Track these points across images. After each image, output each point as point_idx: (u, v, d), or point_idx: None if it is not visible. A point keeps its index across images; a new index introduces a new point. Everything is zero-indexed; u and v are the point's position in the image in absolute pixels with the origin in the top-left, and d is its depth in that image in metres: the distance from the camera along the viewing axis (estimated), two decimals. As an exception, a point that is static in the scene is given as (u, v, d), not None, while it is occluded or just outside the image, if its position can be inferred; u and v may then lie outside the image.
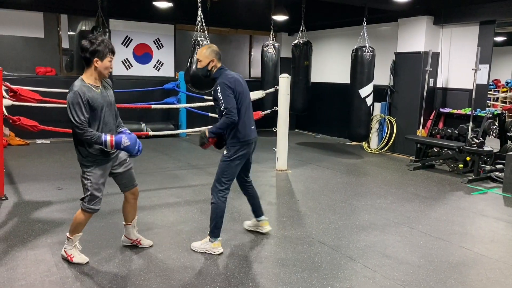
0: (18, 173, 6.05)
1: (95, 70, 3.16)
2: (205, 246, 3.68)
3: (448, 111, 7.82)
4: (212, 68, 3.66)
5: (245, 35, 11.72)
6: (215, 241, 3.66)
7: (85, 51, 3.10)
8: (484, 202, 5.49)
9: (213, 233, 3.66)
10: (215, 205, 3.65)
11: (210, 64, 3.65)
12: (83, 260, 3.39)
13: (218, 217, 3.64)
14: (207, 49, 3.67)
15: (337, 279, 3.28)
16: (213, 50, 3.67)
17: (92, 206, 3.31)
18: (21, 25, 8.43)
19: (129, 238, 3.74)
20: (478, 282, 3.33)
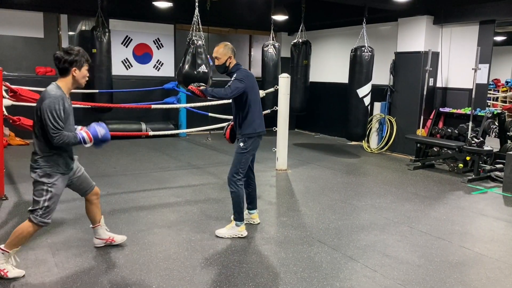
0: (18, 173, 6.05)
1: (72, 79, 3.19)
2: (232, 231, 3.99)
3: (448, 110, 7.82)
4: (229, 65, 3.96)
5: (245, 35, 11.72)
6: (241, 224, 4.01)
7: (63, 61, 3.11)
8: (484, 201, 5.50)
9: (239, 218, 3.99)
10: (236, 193, 3.97)
11: (228, 61, 3.94)
12: (19, 273, 3.15)
13: (240, 202, 3.98)
14: (224, 47, 3.93)
15: (337, 278, 3.29)
16: (230, 48, 3.96)
17: (46, 220, 3.13)
18: (21, 25, 8.43)
19: (101, 239, 3.69)
20: (478, 281, 3.33)
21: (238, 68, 3.97)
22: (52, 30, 8.79)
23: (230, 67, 3.96)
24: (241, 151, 3.99)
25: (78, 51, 3.16)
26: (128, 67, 9.61)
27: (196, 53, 6.32)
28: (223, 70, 3.98)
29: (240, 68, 3.97)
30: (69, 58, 3.11)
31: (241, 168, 3.99)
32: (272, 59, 9.43)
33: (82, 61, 3.16)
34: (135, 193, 5.40)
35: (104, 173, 6.27)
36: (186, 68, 6.27)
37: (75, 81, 3.21)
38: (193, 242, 3.89)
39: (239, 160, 3.99)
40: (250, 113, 3.96)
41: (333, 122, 10.26)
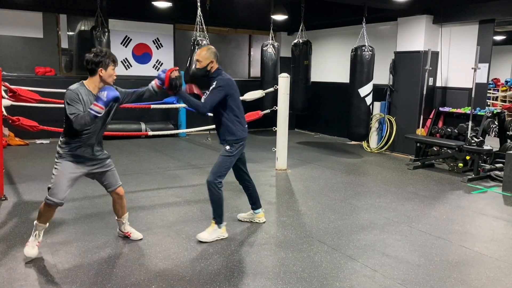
0: (17, 173, 6.05)
1: (99, 78, 3.40)
2: (215, 235, 3.95)
3: (447, 110, 7.82)
4: (210, 69, 3.90)
5: (245, 35, 11.72)
6: (222, 226, 3.99)
7: (91, 63, 3.36)
8: (484, 201, 5.50)
9: (220, 220, 3.96)
10: (217, 196, 3.92)
11: (209, 65, 3.88)
12: (31, 253, 3.41)
13: (222, 205, 3.95)
14: (207, 51, 3.89)
15: (337, 278, 3.29)
16: (213, 52, 3.91)
17: (51, 198, 3.36)
18: (20, 25, 8.43)
19: (121, 231, 3.96)
20: (478, 281, 3.33)
21: (219, 73, 3.90)
22: (51, 30, 8.78)
23: (212, 71, 3.90)
24: (227, 154, 3.96)
25: (105, 52, 3.39)
26: (127, 67, 9.60)
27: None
28: (204, 73, 3.92)
29: (221, 74, 3.91)
30: (96, 60, 3.33)
31: (224, 172, 3.96)
32: (271, 59, 9.42)
33: (107, 62, 3.37)
34: (134, 193, 5.39)
35: (104, 173, 6.25)
36: (193, 68, 6.30)
37: (102, 80, 3.40)
38: (193, 242, 3.88)
39: (223, 163, 3.96)
40: (233, 119, 3.92)
41: (333, 122, 10.26)
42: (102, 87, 3.37)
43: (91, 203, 4.87)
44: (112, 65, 3.42)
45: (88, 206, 4.77)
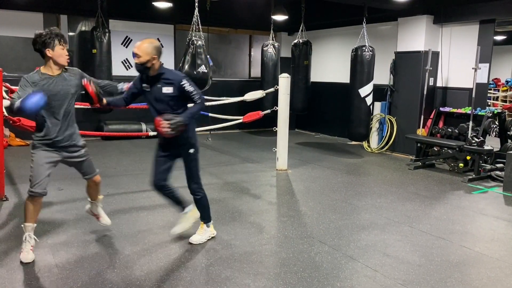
0: (18, 173, 6.05)
1: (50, 60, 3.34)
2: (207, 234, 3.95)
3: (448, 110, 7.82)
4: (151, 66, 3.48)
5: (245, 35, 11.71)
6: (211, 224, 3.99)
7: (35, 44, 3.30)
8: (485, 201, 5.49)
9: (209, 219, 3.96)
10: (204, 197, 3.90)
11: (149, 62, 3.45)
12: (28, 259, 3.36)
13: (208, 205, 3.95)
14: (148, 44, 3.46)
15: (337, 278, 3.29)
16: (155, 47, 3.48)
17: (33, 189, 3.34)
18: (21, 25, 8.43)
19: (92, 211, 4.01)
20: (479, 281, 3.33)
21: (167, 69, 3.59)
22: (52, 31, 8.78)
23: (155, 68, 3.49)
24: (195, 156, 3.79)
25: (50, 31, 3.29)
26: (128, 67, 9.60)
27: (196, 54, 6.32)
28: (141, 69, 3.47)
29: (173, 71, 3.64)
30: (40, 40, 3.27)
31: (199, 172, 3.87)
32: (271, 59, 9.43)
33: (53, 41, 3.28)
34: (135, 193, 5.39)
35: (105, 173, 6.25)
36: (186, 68, 6.28)
37: (54, 61, 3.33)
38: (190, 238, 3.88)
39: (197, 165, 3.83)
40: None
41: (333, 122, 10.26)
42: (62, 68, 3.36)
43: (92, 204, 4.87)
44: (60, 45, 3.29)
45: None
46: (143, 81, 3.63)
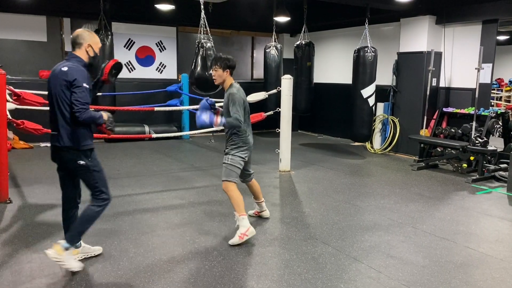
0: (22, 176, 6.08)
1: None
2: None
3: (451, 110, 7.80)
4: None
5: (247, 37, 11.73)
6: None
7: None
8: (489, 201, 5.47)
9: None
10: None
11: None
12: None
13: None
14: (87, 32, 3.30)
15: (341, 280, 3.28)
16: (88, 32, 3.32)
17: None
18: (24, 29, 8.48)
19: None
20: (483, 282, 3.31)
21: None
22: (55, 34, 8.82)
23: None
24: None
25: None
26: (131, 69, 9.63)
27: (206, 56, 6.34)
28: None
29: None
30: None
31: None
32: (274, 61, 9.43)
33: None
34: (138, 195, 5.40)
35: (108, 175, 6.21)
36: (198, 70, 6.31)
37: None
38: (197, 244, 3.89)
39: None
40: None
41: (336, 123, 10.25)
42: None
43: (96, 206, 4.88)
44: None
45: (93, 209, 4.78)
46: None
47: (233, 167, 4.04)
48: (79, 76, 3.06)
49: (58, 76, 3.10)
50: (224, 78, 4.07)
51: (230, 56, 4.08)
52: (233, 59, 4.10)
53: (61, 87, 3.08)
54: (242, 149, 4.07)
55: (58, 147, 3.18)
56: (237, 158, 4.04)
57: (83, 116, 3.03)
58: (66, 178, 3.37)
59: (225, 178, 4.04)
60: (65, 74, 3.07)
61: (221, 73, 4.04)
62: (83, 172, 3.24)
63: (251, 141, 4.16)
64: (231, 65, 4.06)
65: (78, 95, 3.02)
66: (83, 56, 3.23)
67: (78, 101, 3.01)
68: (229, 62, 4.05)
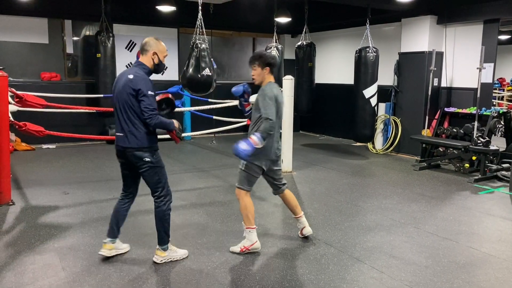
0: (24, 178, 6.09)
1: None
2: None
3: (453, 110, 7.79)
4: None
5: (248, 38, 11.74)
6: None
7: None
8: (491, 201, 5.47)
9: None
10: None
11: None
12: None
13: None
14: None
15: (344, 280, 3.28)
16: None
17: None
18: (26, 31, 8.49)
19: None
20: (486, 282, 3.31)
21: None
22: (56, 36, 8.84)
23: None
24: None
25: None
26: (132, 71, 9.63)
27: (200, 57, 6.33)
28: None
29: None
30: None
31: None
32: (275, 61, 9.41)
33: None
34: (140, 196, 5.36)
35: (110, 177, 6.29)
36: (190, 71, 6.29)
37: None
38: (199, 245, 3.89)
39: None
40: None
41: (338, 124, 10.24)
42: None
43: (98, 207, 4.89)
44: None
45: (95, 210, 4.79)
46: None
47: (247, 175, 3.73)
48: (143, 86, 3.24)
49: (125, 83, 3.31)
50: (263, 77, 3.75)
51: (270, 53, 3.75)
52: (274, 56, 3.73)
53: (127, 94, 3.28)
54: (260, 156, 3.68)
55: (124, 148, 3.39)
56: (252, 166, 3.70)
57: (153, 122, 3.24)
58: (128, 176, 3.63)
59: (237, 184, 3.79)
60: (130, 82, 3.27)
61: (260, 71, 3.73)
62: (147, 169, 3.42)
63: (274, 149, 3.75)
64: (270, 62, 3.72)
65: (146, 102, 3.22)
66: (148, 63, 3.41)
67: (147, 108, 3.22)
68: (268, 59, 3.73)
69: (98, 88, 8.63)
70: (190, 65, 6.33)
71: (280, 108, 3.74)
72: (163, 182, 3.51)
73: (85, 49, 9.32)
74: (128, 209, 3.70)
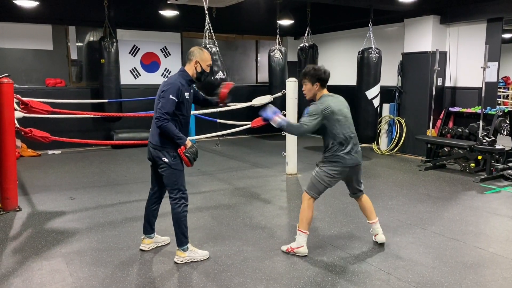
0: (31, 184, 6.12)
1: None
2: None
3: (457, 110, 7.76)
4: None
5: (251, 41, 11.76)
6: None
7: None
8: (498, 201, 5.43)
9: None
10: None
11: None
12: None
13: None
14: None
15: (351, 282, 3.27)
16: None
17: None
18: (31, 38, 8.55)
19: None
20: (494, 282, 3.29)
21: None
22: (61, 42, 8.90)
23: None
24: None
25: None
26: (136, 76, 9.68)
27: (212, 60, 6.37)
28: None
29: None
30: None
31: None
32: (278, 64, 9.45)
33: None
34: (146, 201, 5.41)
35: (115, 181, 6.31)
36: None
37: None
38: (205, 248, 3.88)
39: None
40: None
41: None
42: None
43: (104, 212, 4.91)
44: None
45: (101, 215, 4.81)
46: None
47: (316, 181, 3.75)
48: (168, 89, 3.40)
49: (161, 86, 3.52)
50: (314, 93, 3.77)
51: (321, 67, 3.76)
52: (325, 70, 3.76)
53: (158, 95, 3.50)
54: (332, 164, 3.71)
55: (150, 144, 3.62)
56: (322, 174, 3.72)
57: (160, 123, 3.37)
58: (153, 175, 3.79)
59: (306, 188, 3.84)
60: (162, 84, 3.50)
61: (310, 87, 3.75)
62: (164, 169, 3.54)
63: (347, 156, 3.73)
64: (321, 77, 3.72)
65: (162, 104, 3.38)
66: (190, 70, 3.57)
67: (159, 109, 3.38)
68: (318, 74, 3.71)
69: (103, 93, 8.67)
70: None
71: (341, 118, 3.78)
72: (179, 184, 3.58)
73: (89, 54, 9.37)
74: (157, 207, 3.87)
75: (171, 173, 3.54)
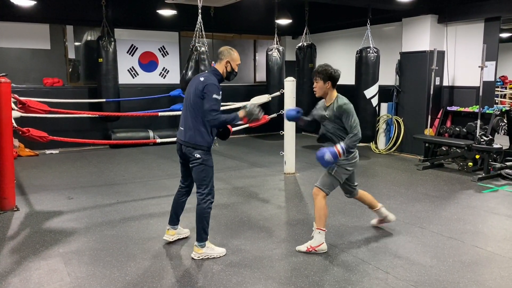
0: (28, 184, 6.11)
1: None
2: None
3: (455, 109, 7.78)
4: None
5: (249, 40, 11.75)
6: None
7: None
8: (495, 200, 5.45)
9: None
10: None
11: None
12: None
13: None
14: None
15: (349, 281, 3.27)
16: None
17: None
18: (28, 37, 8.53)
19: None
20: (492, 281, 3.29)
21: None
22: (58, 41, 8.88)
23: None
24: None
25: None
26: (134, 75, 9.67)
27: (199, 60, 6.36)
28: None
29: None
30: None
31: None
32: (276, 63, 9.45)
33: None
34: (144, 200, 5.41)
35: (113, 181, 6.30)
36: (189, 74, 6.32)
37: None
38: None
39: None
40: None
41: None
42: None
43: (102, 212, 4.90)
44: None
45: (99, 215, 4.80)
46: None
47: (334, 179, 3.86)
48: (209, 88, 3.49)
49: (196, 84, 3.59)
50: (325, 91, 3.83)
51: (333, 67, 3.85)
52: (336, 70, 3.85)
53: (195, 94, 3.55)
54: (349, 161, 3.84)
55: (181, 141, 3.67)
56: (341, 171, 3.83)
57: (215, 123, 3.52)
58: (184, 170, 3.87)
59: (318, 184, 3.89)
60: (200, 84, 3.54)
61: (322, 85, 3.80)
62: (196, 165, 3.62)
63: (357, 154, 3.93)
64: (333, 76, 3.79)
65: (210, 104, 3.47)
66: (220, 69, 3.66)
67: (208, 110, 3.47)
68: (330, 73, 3.79)
69: (101, 93, 8.66)
70: (190, 68, 6.35)
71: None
72: (207, 180, 3.66)
73: (87, 54, 9.36)
74: (185, 200, 3.99)
75: (202, 169, 3.62)
